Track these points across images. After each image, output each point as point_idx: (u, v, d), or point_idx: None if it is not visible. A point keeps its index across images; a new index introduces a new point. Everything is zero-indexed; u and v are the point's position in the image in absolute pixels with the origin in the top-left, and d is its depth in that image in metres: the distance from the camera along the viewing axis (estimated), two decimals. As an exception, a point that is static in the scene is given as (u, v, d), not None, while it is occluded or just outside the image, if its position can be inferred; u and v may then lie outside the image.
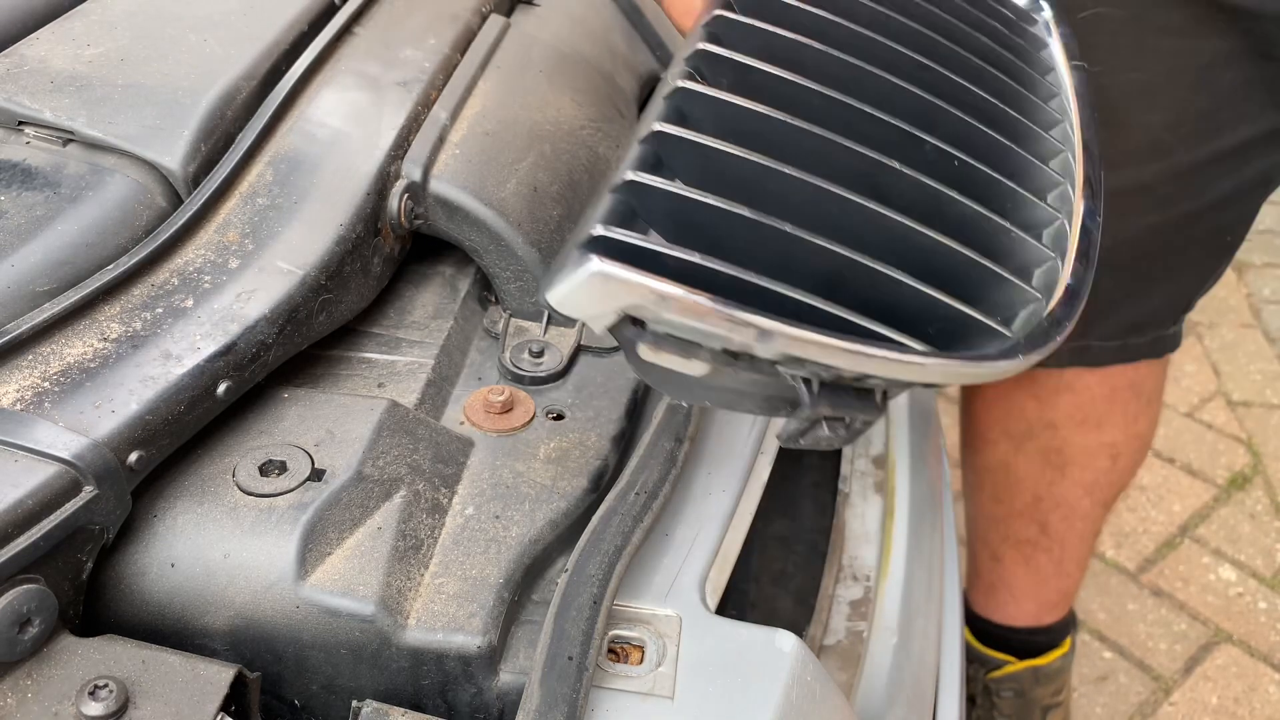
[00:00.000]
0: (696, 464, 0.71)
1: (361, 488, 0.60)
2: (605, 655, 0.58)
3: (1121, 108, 1.12)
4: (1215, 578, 1.97)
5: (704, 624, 0.61)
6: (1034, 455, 1.42)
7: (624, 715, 0.56)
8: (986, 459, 1.49)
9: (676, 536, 0.66)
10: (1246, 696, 1.76)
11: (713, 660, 0.58)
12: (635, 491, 0.63)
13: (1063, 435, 1.39)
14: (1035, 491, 1.45)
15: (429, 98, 0.81)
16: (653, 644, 0.59)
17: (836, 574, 0.81)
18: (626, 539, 0.60)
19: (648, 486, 0.63)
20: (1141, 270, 1.25)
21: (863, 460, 0.92)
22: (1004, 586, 1.57)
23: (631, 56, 1.05)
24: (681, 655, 0.59)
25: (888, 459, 0.92)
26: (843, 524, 0.86)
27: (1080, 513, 1.46)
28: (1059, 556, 1.51)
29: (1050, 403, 1.38)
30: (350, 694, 0.58)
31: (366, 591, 0.56)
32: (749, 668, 0.58)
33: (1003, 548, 1.53)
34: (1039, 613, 1.57)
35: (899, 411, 0.98)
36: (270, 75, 0.78)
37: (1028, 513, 1.48)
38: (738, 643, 0.60)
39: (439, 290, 0.80)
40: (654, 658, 0.58)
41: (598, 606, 0.56)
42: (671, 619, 0.61)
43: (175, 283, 0.65)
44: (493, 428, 0.69)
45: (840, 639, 0.76)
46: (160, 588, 0.58)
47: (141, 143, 0.70)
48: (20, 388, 0.57)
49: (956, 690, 0.89)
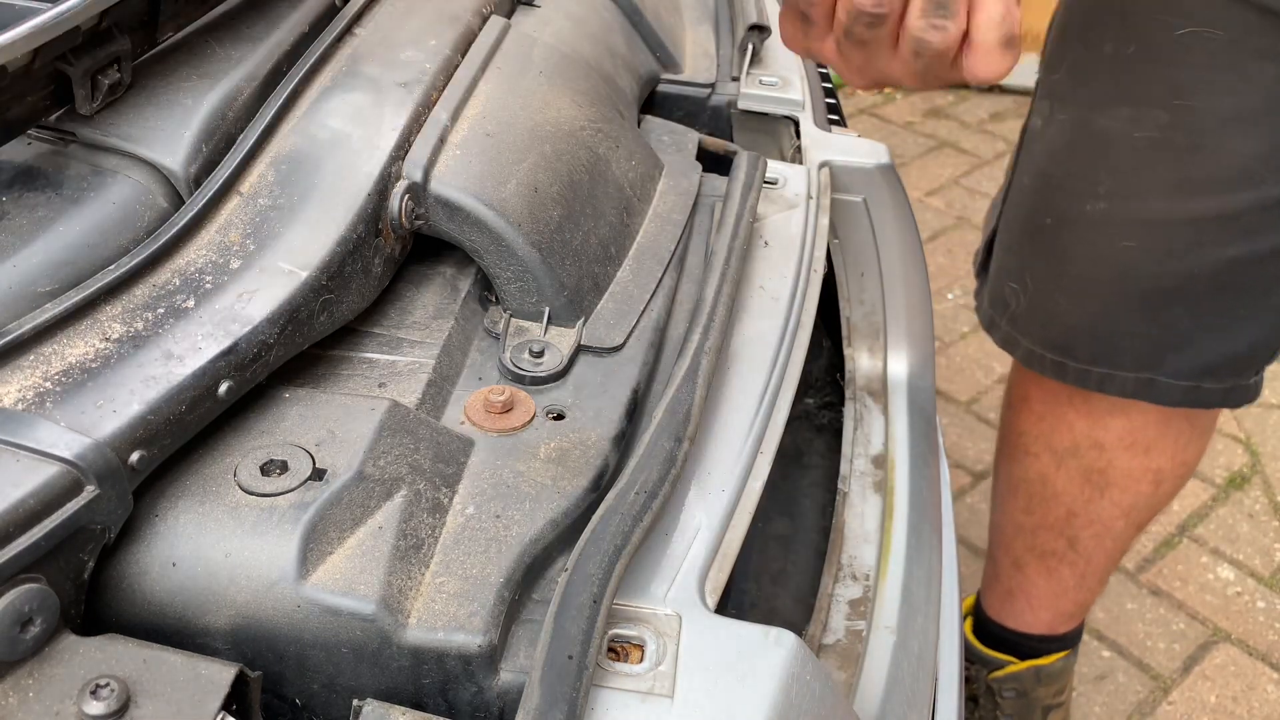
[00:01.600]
0: (696, 463, 0.71)
1: (363, 487, 0.60)
2: (605, 654, 0.58)
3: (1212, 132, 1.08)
4: (1214, 577, 1.97)
5: (704, 623, 0.61)
6: (1075, 473, 1.39)
7: (624, 714, 0.56)
8: (1024, 470, 1.46)
9: (676, 536, 0.66)
10: (1245, 695, 1.76)
11: (712, 659, 0.59)
12: (635, 491, 0.63)
13: (1108, 456, 1.36)
14: (1070, 508, 1.43)
15: (430, 99, 0.81)
16: (652, 643, 0.59)
17: (836, 573, 0.81)
18: (626, 538, 0.60)
19: (647, 486, 0.64)
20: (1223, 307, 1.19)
21: (862, 460, 0.92)
22: (1022, 594, 1.55)
23: (631, 57, 1.05)
24: (681, 654, 0.59)
25: (887, 459, 0.92)
26: (842, 523, 0.86)
27: (1113, 533, 1.44)
28: (1083, 571, 1.48)
29: (1101, 423, 1.34)
30: (351, 693, 0.58)
31: (367, 591, 0.57)
32: (748, 666, 0.58)
33: (1027, 556, 1.51)
34: (1054, 622, 1.56)
35: (898, 411, 0.98)
36: (271, 76, 0.78)
37: (1059, 527, 1.45)
38: (737, 641, 0.60)
39: (440, 290, 0.81)
40: (654, 657, 0.58)
41: (598, 606, 0.56)
42: (671, 618, 0.61)
43: (177, 283, 0.65)
44: (493, 427, 0.69)
45: (839, 638, 0.76)
46: (161, 587, 0.58)
47: (143, 143, 0.70)
48: (22, 387, 0.57)
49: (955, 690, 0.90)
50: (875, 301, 1.02)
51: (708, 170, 0.97)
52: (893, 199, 1.04)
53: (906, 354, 1.02)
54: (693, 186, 0.93)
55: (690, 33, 1.20)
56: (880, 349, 1.02)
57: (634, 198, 0.88)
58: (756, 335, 0.83)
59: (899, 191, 1.04)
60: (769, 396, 0.77)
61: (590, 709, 0.55)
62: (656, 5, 1.15)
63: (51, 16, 0.63)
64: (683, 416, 0.69)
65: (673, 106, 1.10)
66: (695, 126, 1.08)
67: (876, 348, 1.02)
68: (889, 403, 0.98)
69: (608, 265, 0.82)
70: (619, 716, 0.56)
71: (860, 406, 0.98)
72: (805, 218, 0.94)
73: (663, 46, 1.11)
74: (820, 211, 0.96)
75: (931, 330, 1.06)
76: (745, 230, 0.85)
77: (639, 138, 0.94)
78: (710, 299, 0.78)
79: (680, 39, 1.16)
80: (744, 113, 1.10)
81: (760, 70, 1.14)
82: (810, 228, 0.93)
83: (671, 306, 0.83)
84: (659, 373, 0.78)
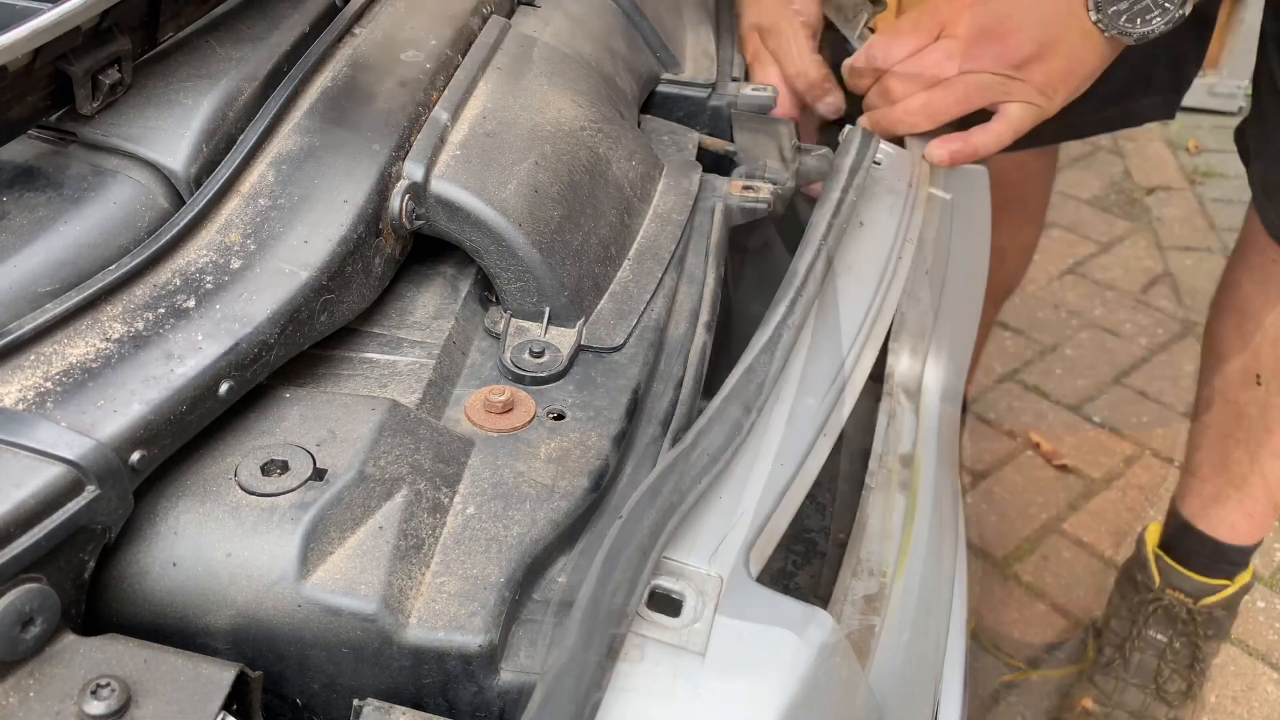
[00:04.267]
0: (761, 435, 0.71)
1: (363, 487, 0.60)
2: (645, 604, 0.58)
3: None
4: (1214, 577, 1.96)
5: (744, 589, 0.61)
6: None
7: (654, 665, 0.56)
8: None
9: (730, 501, 0.66)
10: (1245, 695, 1.76)
11: (747, 624, 0.59)
12: (698, 452, 0.63)
13: None
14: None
15: (430, 98, 0.81)
16: (692, 599, 0.59)
17: (854, 567, 0.81)
18: (683, 497, 0.61)
19: (710, 450, 0.64)
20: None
21: (891, 457, 0.92)
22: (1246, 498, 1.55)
23: (631, 57, 1.05)
24: (718, 615, 0.59)
25: (914, 459, 0.92)
26: (865, 518, 0.86)
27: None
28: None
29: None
30: (352, 692, 0.58)
31: (368, 590, 0.57)
32: (781, 638, 0.59)
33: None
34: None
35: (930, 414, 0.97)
36: (272, 76, 0.78)
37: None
38: (774, 612, 0.60)
39: (440, 290, 0.81)
40: (691, 613, 0.59)
41: (645, 558, 0.57)
42: (713, 579, 0.61)
43: (177, 283, 0.65)
44: (493, 427, 0.69)
45: (852, 630, 0.76)
46: (162, 587, 0.58)
47: (144, 143, 0.70)
48: (22, 387, 0.57)
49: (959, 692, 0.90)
50: (931, 302, 1.02)
51: (708, 170, 0.97)
52: (978, 204, 1.03)
53: (947, 359, 1.01)
54: (693, 186, 0.93)
55: (690, 33, 1.20)
56: (923, 350, 1.01)
57: (634, 198, 0.88)
58: (837, 317, 0.82)
59: (985, 198, 1.04)
60: (839, 381, 0.77)
61: (624, 653, 0.56)
62: (656, 5, 1.15)
63: (52, 16, 0.63)
64: (756, 387, 0.69)
65: (673, 106, 1.10)
66: (695, 126, 1.08)
67: (920, 348, 1.01)
68: (922, 405, 0.98)
69: (608, 265, 0.82)
70: (650, 665, 0.56)
71: (895, 403, 0.97)
72: (904, 206, 0.93)
73: (663, 46, 1.11)
74: (917, 204, 0.95)
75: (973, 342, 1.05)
76: (847, 209, 0.84)
77: (639, 138, 0.94)
78: (802, 272, 0.77)
79: (680, 39, 1.16)
80: (744, 113, 1.09)
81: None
82: (906, 219, 0.92)
83: (671, 306, 0.83)
84: (659, 372, 0.78)
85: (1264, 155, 1.36)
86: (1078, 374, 2.35)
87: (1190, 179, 3.01)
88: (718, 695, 0.56)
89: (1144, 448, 2.18)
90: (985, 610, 1.86)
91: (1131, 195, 2.95)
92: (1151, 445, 2.18)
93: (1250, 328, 1.43)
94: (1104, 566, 1.94)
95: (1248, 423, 1.49)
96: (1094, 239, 2.77)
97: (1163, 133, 3.19)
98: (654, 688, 0.55)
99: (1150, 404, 2.28)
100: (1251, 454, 1.51)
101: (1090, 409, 2.26)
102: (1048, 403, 2.27)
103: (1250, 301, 1.42)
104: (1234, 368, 1.47)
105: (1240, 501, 1.56)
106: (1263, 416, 1.47)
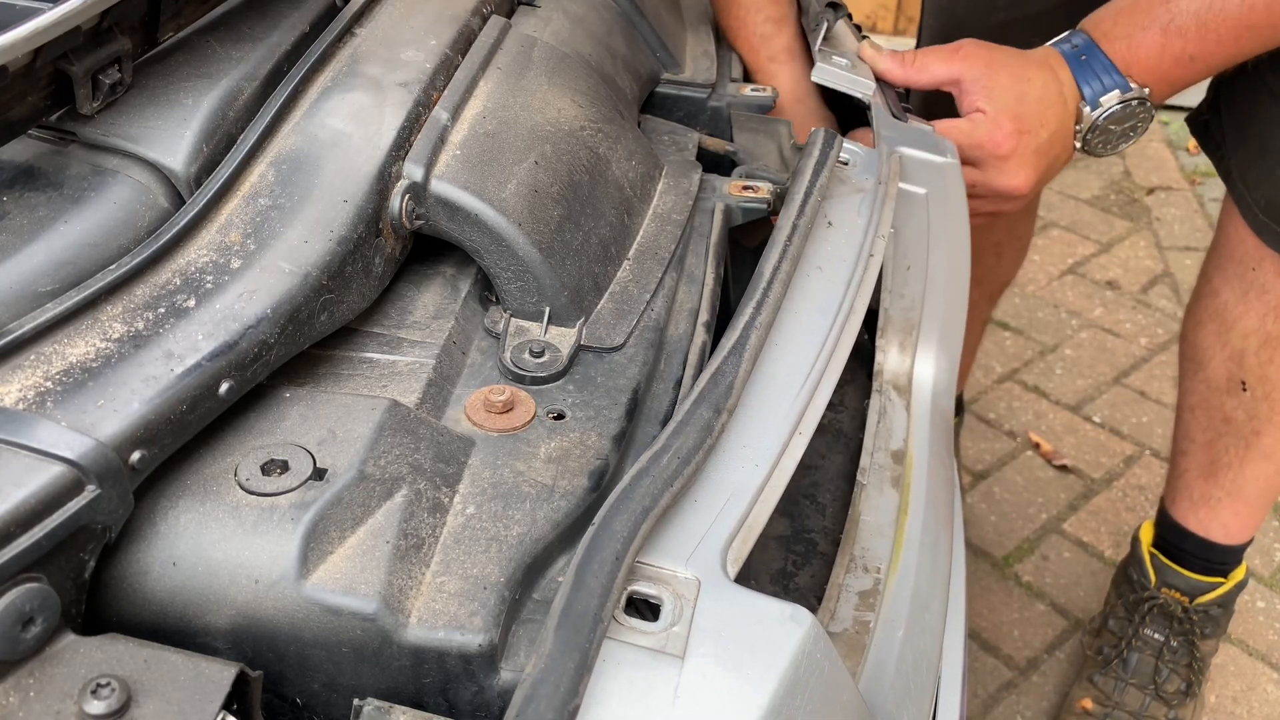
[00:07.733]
0: (733, 436, 0.71)
1: (363, 487, 0.61)
2: (622, 609, 0.58)
3: None
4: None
5: (722, 590, 0.61)
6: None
7: (633, 669, 0.56)
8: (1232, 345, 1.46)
9: (705, 504, 0.66)
10: (1245, 695, 1.76)
11: (726, 626, 0.59)
12: (669, 456, 0.63)
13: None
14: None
15: (430, 98, 0.81)
16: (670, 603, 0.59)
17: (848, 564, 0.81)
18: (655, 500, 0.60)
19: (681, 452, 0.64)
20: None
21: (882, 454, 0.92)
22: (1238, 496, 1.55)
23: (631, 57, 1.05)
24: (696, 618, 0.59)
25: (906, 455, 0.92)
26: (858, 515, 0.85)
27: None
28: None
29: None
30: (352, 692, 0.58)
31: (368, 590, 0.57)
32: (761, 637, 0.58)
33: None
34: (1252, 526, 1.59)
35: (921, 410, 0.97)
36: (272, 76, 0.78)
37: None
38: (753, 612, 0.60)
39: (440, 290, 0.81)
40: (669, 617, 0.59)
41: (619, 563, 0.56)
42: (690, 581, 0.61)
43: (177, 283, 0.65)
44: (493, 427, 0.69)
45: (846, 627, 0.76)
46: (162, 586, 0.58)
47: (144, 143, 0.70)
48: (23, 387, 0.57)
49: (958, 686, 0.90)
50: (915, 297, 1.01)
51: (708, 170, 0.97)
52: (954, 197, 1.03)
53: (935, 354, 1.01)
54: (693, 186, 0.93)
55: (690, 33, 1.20)
56: (911, 345, 1.01)
57: (634, 198, 0.88)
58: (808, 317, 0.82)
59: (960, 190, 1.04)
60: (812, 379, 0.76)
61: (601, 660, 0.56)
62: (656, 5, 1.15)
63: (52, 16, 0.63)
64: (724, 388, 0.69)
65: (673, 106, 1.10)
66: (695, 127, 1.08)
67: (908, 344, 1.01)
68: (913, 400, 0.98)
69: (608, 265, 0.82)
70: (629, 670, 0.56)
71: (885, 400, 0.97)
72: (873, 204, 0.93)
73: (663, 46, 1.11)
74: (887, 200, 0.95)
75: (962, 335, 1.05)
76: (811, 209, 0.84)
77: (639, 138, 0.94)
78: (768, 274, 0.77)
79: (680, 39, 1.16)
80: (744, 113, 1.10)
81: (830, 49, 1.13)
82: (875, 215, 0.92)
83: (671, 306, 0.83)
84: (659, 372, 0.78)
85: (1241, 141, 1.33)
86: (1077, 374, 2.35)
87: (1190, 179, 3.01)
88: (697, 698, 0.55)
89: (1144, 448, 2.18)
90: (985, 610, 1.87)
91: (1131, 195, 2.95)
92: (1151, 445, 2.18)
93: (1232, 335, 1.43)
94: (1104, 566, 1.94)
95: (1234, 428, 1.49)
96: (1094, 239, 2.77)
97: (1163, 133, 3.19)
98: (633, 693, 0.55)
99: (1150, 404, 2.28)
100: (1240, 457, 1.51)
101: (1090, 409, 2.26)
102: (1047, 403, 2.27)
103: (1230, 310, 1.42)
104: (1218, 375, 1.47)
105: (1230, 503, 1.56)
106: (1250, 421, 1.47)
